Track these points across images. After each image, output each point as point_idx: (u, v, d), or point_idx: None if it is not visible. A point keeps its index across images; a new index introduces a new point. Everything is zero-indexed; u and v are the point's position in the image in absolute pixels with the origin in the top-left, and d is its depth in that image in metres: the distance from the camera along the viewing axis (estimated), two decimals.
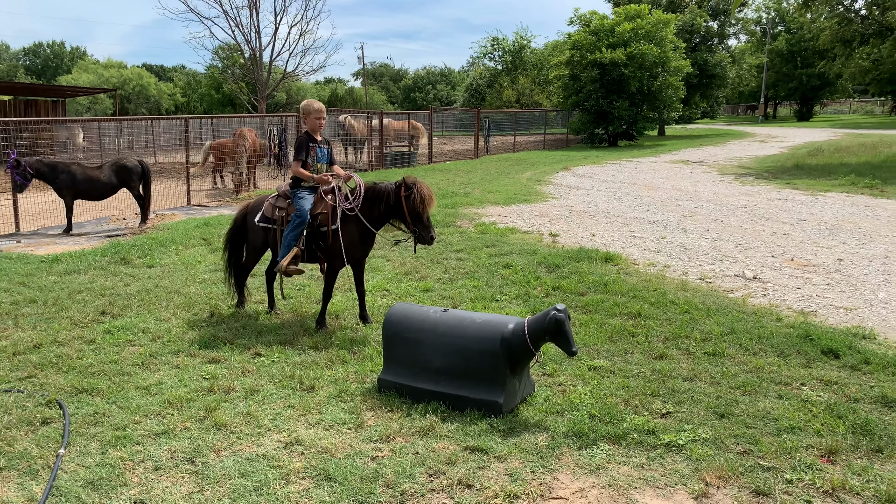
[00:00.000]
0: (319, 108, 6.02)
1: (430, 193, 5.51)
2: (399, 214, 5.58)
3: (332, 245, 5.74)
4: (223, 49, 36.78)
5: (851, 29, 19.62)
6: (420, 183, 5.51)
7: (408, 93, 77.19)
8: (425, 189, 5.50)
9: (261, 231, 6.08)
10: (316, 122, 5.97)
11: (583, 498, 3.34)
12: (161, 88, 64.23)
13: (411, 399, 4.36)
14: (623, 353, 5.22)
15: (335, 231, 5.70)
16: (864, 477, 3.46)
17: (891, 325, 5.91)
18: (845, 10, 20.36)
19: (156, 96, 62.27)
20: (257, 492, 3.40)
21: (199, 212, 12.97)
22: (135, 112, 58.06)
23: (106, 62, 67.22)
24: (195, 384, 4.70)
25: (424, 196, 5.45)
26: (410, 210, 5.45)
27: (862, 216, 11.42)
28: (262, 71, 32.26)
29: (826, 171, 17.89)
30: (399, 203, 5.52)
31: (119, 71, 62.60)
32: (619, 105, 30.71)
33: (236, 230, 6.35)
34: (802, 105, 62.24)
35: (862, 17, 19.89)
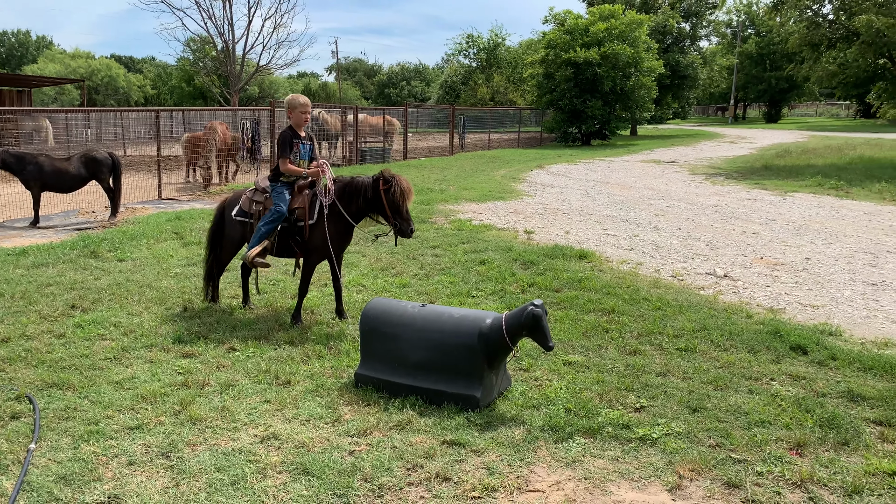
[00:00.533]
0: (305, 103, 5.97)
1: (408, 187, 5.52)
2: (378, 208, 5.58)
3: (309, 240, 5.71)
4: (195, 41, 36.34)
5: (819, 33, 20.03)
6: (398, 176, 5.52)
7: (382, 88, 76.91)
8: (404, 182, 5.51)
9: (238, 225, 6.03)
10: (301, 117, 5.92)
11: (559, 491, 3.38)
12: (130, 80, 63.11)
13: (388, 394, 4.37)
14: (597, 349, 5.28)
15: (312, 226, 5.67)
16: (832, 469, 3.55)
17: (856, 322, 6.07)
18: (813, 14, 20.77)
19: (125, 88, 61.18)
20: (234, 486, 3.38)
21: (171, 205, 12.80)
22: (103, 104, 57.00)
23: (73, 52, 65.84)
24: (169, 379, 4.65)
25: (404, 189, 5.45)
26: (390, 203, 5.45)
27: (828, 216, 11.68)
28: (234, 64, 31.91)
29: (794, 172, 18.25)
30: (378, 197, 5.51)
31: (87, 61, 61.39)
32: (592, 104, 30.96)
33: (217, 226, 6.27)
34: (771, 107, 63.33)
35: (829, 22, 20.31)
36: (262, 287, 6.89)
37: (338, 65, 76.72)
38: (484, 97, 50.49)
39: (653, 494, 3.37)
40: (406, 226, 5.51)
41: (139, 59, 79.85)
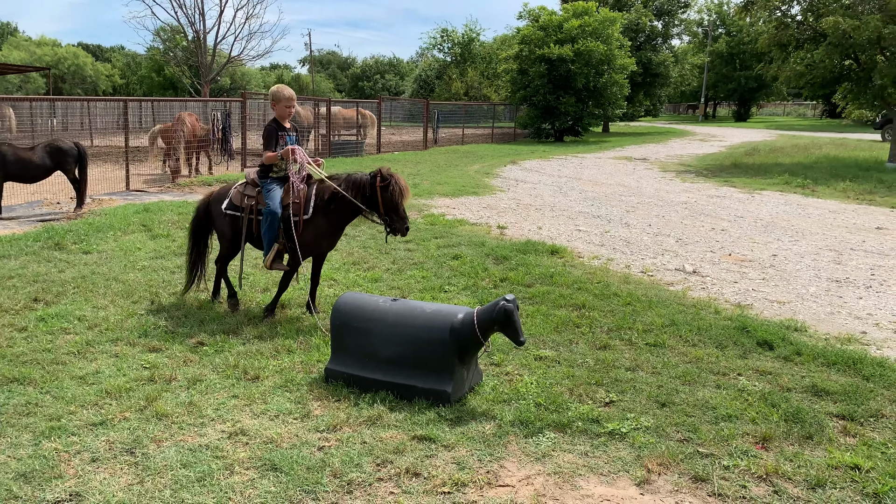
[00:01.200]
0: (290, 96, 5.84)
1: (406, 185, 5.51)
2: (373, 205, 5.52)
3: (302, 235, 5.58)
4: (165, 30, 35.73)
5: (787, 34, 20.31)
6: (396, 175, 5.49)
7: (356, 81, 76.43)
8: (402, 181, 5.49)
9: (228, 219, 5.87)
10: (286, 110, 5.80)
11: (529, 485, 3.39)
12: (98, 69, 61.87)
13: (359, 389, 4.34)
14: (568, 344, 5.30)
15: (307, 221, 5.57)
16: (796, 462, 3.61)
17: (820, 318, 6.18)
18: (782, 15, 21.07)
19: (92, 77, 59.98)
20: (200, 483, 3.33)
21: (139, 197, 12.57)
22: (70, 92, 55.80)
23: (39, 39, 64.32)
24: (135, 374, 4.57)
25: (402, 188, 5.44)
26: (386, 201, 5.42)
27: (795, 214, 11.88)
28: (205, 54, 31.45)
29: (762, 170, 18.54)
30: (374, 194, 5.45)
31: (53, 49, 60.05)
32: (565, 101, 31.10)
33: (199, 221, 6.15)
34: (740, 106, 64.26)
35: (798, 23, 20.62)
36: (231, 280, 6.80)
37: (311, 57, 76.05)
38: (458, 92, 50.46)
39: (621, 489, 3.39)
40: (402, 224, 5.48)
41: (107, 48, 78.35)
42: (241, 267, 6.20)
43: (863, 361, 4.95)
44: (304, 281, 6.36)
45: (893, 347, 5.47)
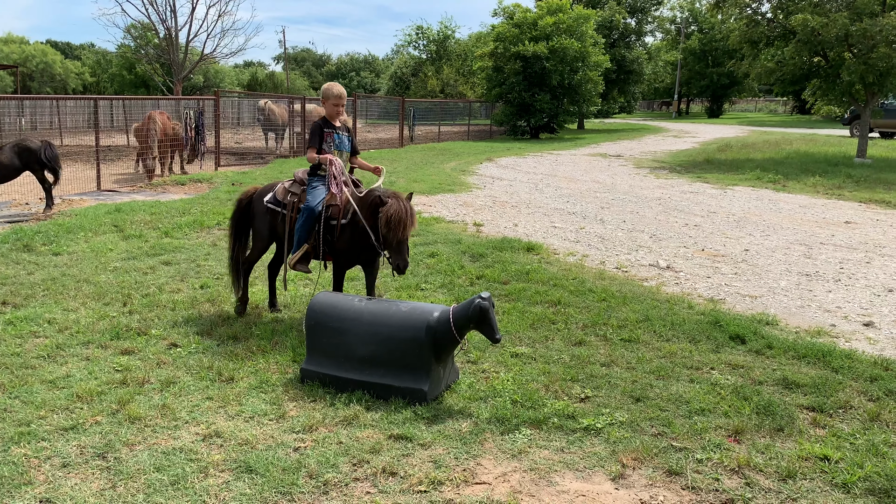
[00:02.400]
0: (339, 94, 5.49)
1: (400, 215, 4.77)
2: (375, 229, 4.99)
3: (338, 240, 5.19)
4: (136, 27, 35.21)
5: (758, 31, 20.57)
6: (397, 200, 4.85)
7: (331, 79, 75.99)
8: (395, 207, 4.78)
9: (268, 215, 5.52)
10: (334, 109, 5.47)
11: (505, 482, 3.40)
12: (68, 67, 60.74)
13: (335, 389, 4.32)
14: (544, 340, 5.33)
15: (344, 226, 5.15)
16: (767, 455, 3.66)
17: (791, 312, 6.28)
18: (753, 12, 21.34)
19: (62, 75, 58.88)
20: (174, 486, 3.30)
21: (110, 197, 12.39)
22: (38, 91, 54.76)
23: (6, 37, 62.96)
24: (106, 377, 4.50)
25: (391, 217, 4.76)
26: (382, 228, 4.86)
27: (766, 209, 12.06)
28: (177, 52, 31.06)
29: (734, 166, 18.77)
30: (376, 216, 4.93)
31: (21, 46, 58.79)
32: (540, 98, 31.21)
33: (240, 215, 5.79)
34: (713, 102, 64.95)
35: (768, 20, 20.90)
36: (205, 281, 6.74)
37: (285, 54, 75.48)
38: (434, 89, 50.40)
39: (597, 484, 3.42)
40: (395, 258, 4.85)
41: (77, 46, 76.98)
42: (284, 269, 5.64)
43: (832, 354, 5.04)
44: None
45: (861, 340, 5.58)
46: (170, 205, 11.04)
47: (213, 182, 14.58)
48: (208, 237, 8.86)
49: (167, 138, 15.26)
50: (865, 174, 16.25)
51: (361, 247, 5.14)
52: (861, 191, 14.01)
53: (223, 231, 9.22)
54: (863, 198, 13.26)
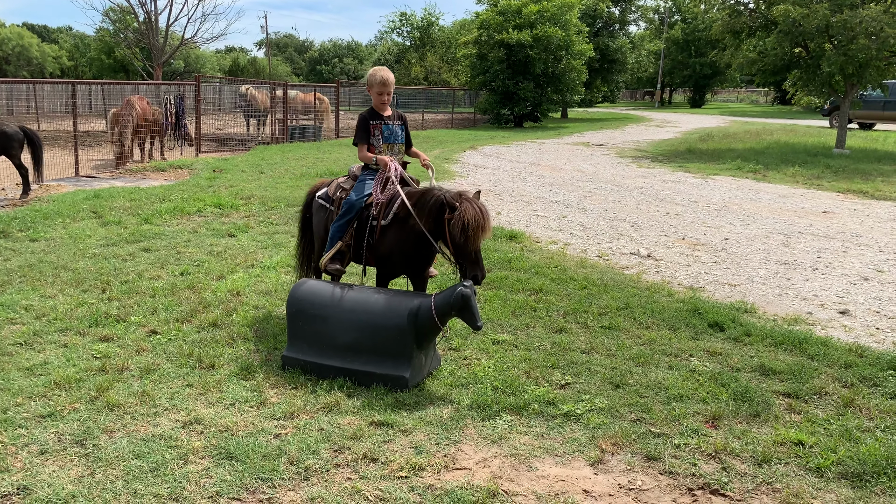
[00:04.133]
0: (382, 81, 4.80)
1: (477, 219, 4.21)
2: (443, 238, 4.42)
3: (378, 243, 4.65)
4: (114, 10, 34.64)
5: (740, 21, 20.66)
6: (469, 202, 4.26)
7: (314, 65, 75.44)
8: (471, 212, 4.20)
9: (321, 211, 5.08)
10: (378, 98, 4.84)
11: (486, 468, 3.43)
12: (45, 50, 59.70)
13: (316, 376, 4.32)
14: (525, 327, 5.36)
15: (385, 228, 4.60)
16: (744, 440, 3.72)
17: (769, 300, 6.36)
18: (735, 2, 21.43)
19: (39, 59, 57.86)
20: (153, 473, 3.28)
21: (89, 183, 12.23)
22: (15, 75, 53.79)
23: None
24: (85, 364, 4.47)
25: (467, 222, 4.18)
26: (453, 238, 4.28)
27: (746, 199, 12.16)
28: (157, 36, 30.61)
29: (715, 155, 18.90)
30: (441, 225, 4.37)
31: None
32: (524, 86, 31.18)
33: (307, 210, 5.38)
34: (696, 92, 65.27)
35: (750, 11, 20.99)
36: (185, 268, 6.69)
37: (267, 40, 74.68)
38: (417, 76, 50.17)
39: (576, 469, 3.45)
40: (471, 269, 4.28)
41: (54, 29, 75.65)
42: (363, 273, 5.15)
43: (808, 341, 5.11)
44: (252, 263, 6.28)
45: (837, 327, 5.67)
46: (150, 191, 10.92)
47: (194, 168, 14.44)
48: (189, 224, 8.78)
49: (146, 124, 15.07)
50: (844, 165, 16.44)
51: (408, 254, 4.59)
52: (839, 181, 14.18)
53: (203, 218, 9.15)
54: (841, 188, 13.42)
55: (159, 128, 15.98)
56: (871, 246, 8.62)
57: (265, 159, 15.81)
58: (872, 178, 14.55)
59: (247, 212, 9.56)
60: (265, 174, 13.38)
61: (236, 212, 9.57)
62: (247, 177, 12.96)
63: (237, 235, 8.20)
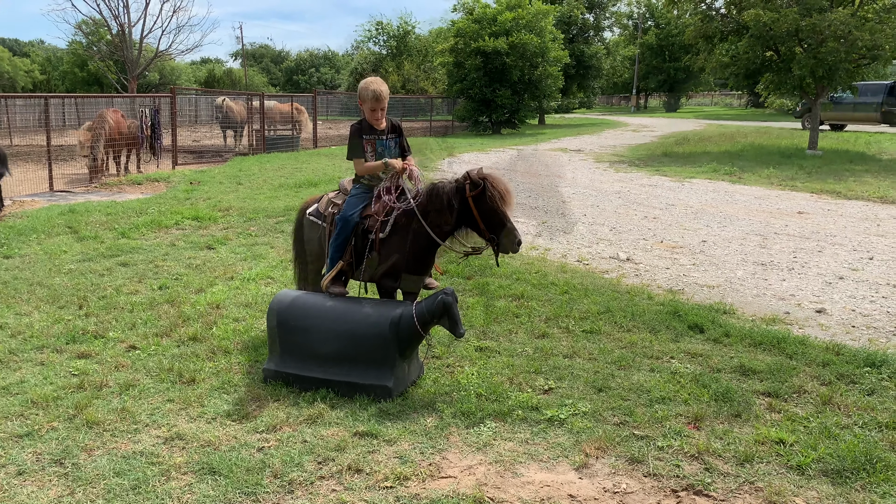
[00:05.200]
0: (375, 97, 4.52)
1: (506, 189, 4.27)
2: (469, 221, 4.35)
3: (379, 258, 4.52)
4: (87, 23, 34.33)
5: (712, 26, 20.97)
6: (492, 176, 4.30)
7: (290, 75, 75.29)
8: (500, 184, 4.27)
9: (313, 227, 4.90)
10: (371, 114, 4.60)
11: (471, 475, 3.42)
12: (16, 64, 58.96)
13: (299, 388, 4.29)
14: (507, 334, 5.37)
15: (383, 241, 4.47)
16: (725, 440, 3.75)
17: (747, 301, 6.43)
18: (707, 7, 21.75)
19: (10, 73, 57.12)
20: (135, 490, 3.24)
21: (64, 198, 12.07)
22: None
23: None
24: (62, 381, 4.40)
25: (500, 192, 4.23)
26: (483, 213, 4.25)
27: (723, 201, 12.31)
28: (131, 49, 30.37)
29: (691, 159, 19.12)
30: (466, 207, 4.31)
31: None
32: (501, 93, 31.34)
33: (299, 228, 5.17)
34: (670, 97, 66.05)
35: (722, 16, 21.32)
36: (163, 282, 6.63)
37: (243, 51, 74.34)
38: (395, 85, 50.23)
39: (561, 474, 3.46)
40: (511, 238, 4.25)
41: (26, 42, 74.81)
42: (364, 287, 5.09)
43: (786, 340, 5.18)
44: (232, 276, 6.22)
45: (814, 326, 5.75)
46: (126, 205, 10.81)
47: (171, 181, 14.31)
48: (166, 237, 8.70)
49: (121, 137, 14.91)
50: (817, 165, 16.70)
51: (411, 264, 4.47)
52: (813, 182, 14.40)
53: (181, 231, 9.07)
54: (814, 188, 13.63)
55: (135, 141, 15.81)
56: (844, 245, 8.76)
57: (243, 170, 15.72)
58: (844, 178, 14.80)
59: (225, 224, 9.49)
60: (243, 185, 13.30)
61: (214, 224, 9.49)
62: (224, 188, 12.88)
63: (216, 248, 8.14)
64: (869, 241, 8.97)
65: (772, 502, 3.21)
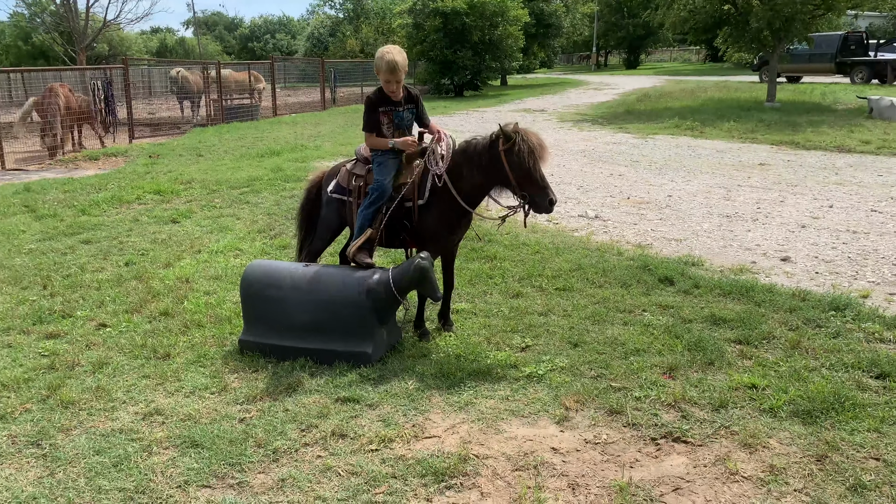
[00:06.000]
0: (389, 68, 4.30)
1: (539, 142, 4.15)
2: (501, 178, 4.24)
3: (419, 225, 4.44)
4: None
5: None
6: (524, 130, 4.16)
7: (245, 43, 73.36)
8: (533, 137, 4.14)
9: (335, 204, 4.74)
10: (387, 86, 4.42)
11: (454, 434, 3.46)
12: None
13: (276, 358, 4.27)
14: (482, 295, 5.40)
15: (422, 207, 4.40)
16: (700, 388, 3.85)
17: (714, 252, 6.55)
18: None
19: None
20: (116, 468, 3.21)
21: (17, 177, 11.69)
22: None
23: None
24: (32, 362, 4.31)
25: (533, 145, 4.09)
26: (515, 169, 4.11)
27: (686, 156, 12.44)
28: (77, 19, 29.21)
29: (653, 115, 19.23)
30: (498, 163, 4.18)
31: None
32: (462, 55, 30.99)
33: (309, 204, 5.02)
34: (630, 54, 66.01)
35: None
36: (129, 258, 6.49)
37: (195, 19, 72.17)
38: (353, 49, 49.33)
39: (542, 428, 3.52)
40: (543, 197, 4.14)
41: None
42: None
43: (754, 289, 5.30)
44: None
45: (780, 274, 5.89)
46: (84, 181, 10.51)
47: (129, 155, 13.94)
48: (129, 212, 8.50)
49: (70, 112, 14.41)
50: (775, 118, 16.93)
51: (454, 226, 4.47)
52: (772, 133, 14.61)
53: (144, 206, 8.87)
54: (774, 140, 13.85)
55: (88, 115, 15.32)
56: (805, 195, 8.95)
57: (202, 142, 15.37)
58: (802, 129, 15.05)
59: (188, 197, 9.30)
60: (204, 157, 13.02)
61: (177, 197, 9.30)
62: (185, 161, 12.60)
63: (181, 221, 7.98)
64: (828, 190, 9.17)
65: (747, 444, 3.31)
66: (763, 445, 3.30)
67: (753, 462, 3.18)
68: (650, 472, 3.13)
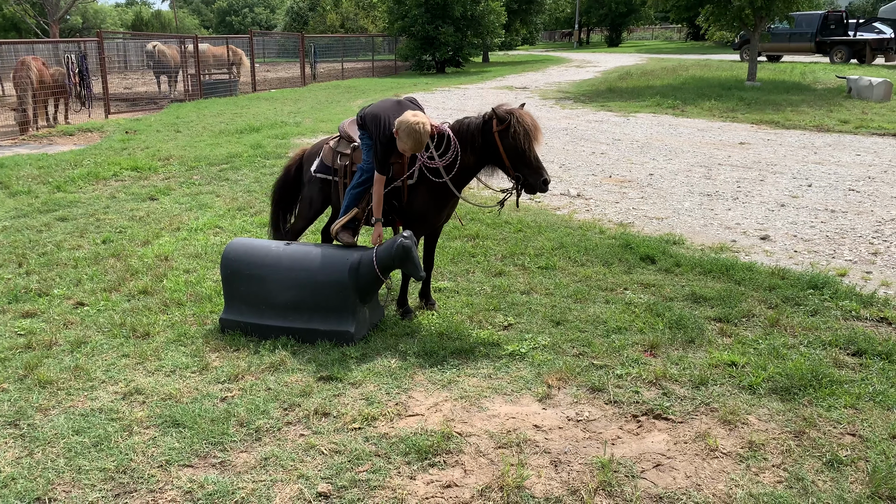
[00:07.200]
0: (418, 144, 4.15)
1: (533, 123, 4.15)
2: (494, 159, 4.25)
3: (408, 205, 4.44)
4: None
5: None
6: (518, 111, 4.16)
7: (223, 16, 72.13)
8: (527, 118, 4.13)
9: (318, 184, 4.71)
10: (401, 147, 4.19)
11: (437, 412, 3.47)
12: None
13: (258, 337, 4.24)
14: (465, 273, 5.39)
15: (412, 187, 4.39)
16: (681, 365, 3.89)
17: (695, 231, 6.59)
18: None
19: None
20: (97, 447, 3.17)
21: None
22: None
23: None
24: (8, 342, 4.24)
25: (528, 127, 4.09)
26: (510, 150, 4.12)
27: (667, 134, 12.47)
28: None
29: (635, 93, 19.22)
30: (492, 143, 4.19)
31: None
32: (444, 31, 30.70)
33: (287, 183, 4.98)
34: (612, 31, 65.79)
35: None
36: (107, 236, 6.39)
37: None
38: (334, 24, 48.70)
39: (525, 406, 3.53)
40: (536, 177, 4.14)
41: None
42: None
43: (734, 267, 5.35)
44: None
45: (759, 252, 5.94)
46: (59, 157, 10.31)
47: (105, 131, 13.68)
48: (105, 189, 8.36)
49: (44, 86, 14.08)
50: (756, 97, 17.00)
51: (442, 206, 4.46)
52: (753, 112, 14.68)
53: (121, 182, 8.72)
54: (754, 119, 13.92)
55: (62, 89, 14.98)
56: (784, 174, 9.02)
57: (180, 117, 15.13)
58: (782, 108, 15.13)
59: (166, 173, 9.16)
60: (182, 133, 12.82)
61: (155, 174, 9.16)
62: (163, 137, 12.39)
63: (159, 198, 7.87)
64: (807, 169, 9.25)
65: (727, 421, 3.35)
66: (742, 422, 3.34)
67: (733, 438, 3.23)
68: (631, 449, 3.16)
